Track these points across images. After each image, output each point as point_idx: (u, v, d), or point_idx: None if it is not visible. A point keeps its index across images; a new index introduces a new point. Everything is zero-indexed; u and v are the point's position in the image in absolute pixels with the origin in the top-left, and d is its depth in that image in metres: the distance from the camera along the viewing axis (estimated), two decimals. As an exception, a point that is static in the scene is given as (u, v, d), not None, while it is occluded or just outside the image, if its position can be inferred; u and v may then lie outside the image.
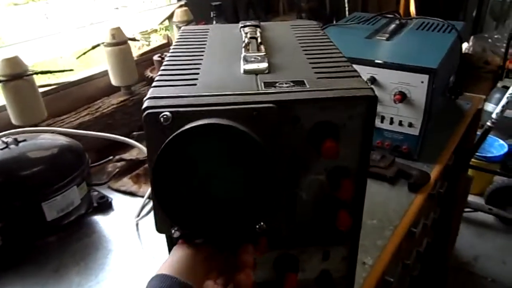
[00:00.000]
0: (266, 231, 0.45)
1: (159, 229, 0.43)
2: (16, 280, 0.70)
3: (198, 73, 0.48)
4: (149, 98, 0.42)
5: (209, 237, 0.45)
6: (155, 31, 1.57)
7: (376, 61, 0.94)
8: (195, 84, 0.45)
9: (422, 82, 0.90)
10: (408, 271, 1.15)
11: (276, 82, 0.44)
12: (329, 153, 0.40)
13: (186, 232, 0.43)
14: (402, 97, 0.92)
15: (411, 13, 2.66)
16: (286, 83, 0.44)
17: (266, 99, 0.41)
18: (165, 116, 0.39)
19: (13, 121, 0.90)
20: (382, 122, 0.98)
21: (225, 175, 0.41)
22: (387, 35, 1.10)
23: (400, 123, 0.96)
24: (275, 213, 0.43)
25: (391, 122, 0.97)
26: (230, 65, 0.51)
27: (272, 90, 0.43)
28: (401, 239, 0.81)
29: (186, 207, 0.41)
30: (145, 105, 0.40)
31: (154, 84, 0.46)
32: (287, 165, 0.45)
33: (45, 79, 1.07)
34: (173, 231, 0.43)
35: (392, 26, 1.18)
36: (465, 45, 2.68)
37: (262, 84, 0.45)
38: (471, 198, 2.01)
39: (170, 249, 0.49)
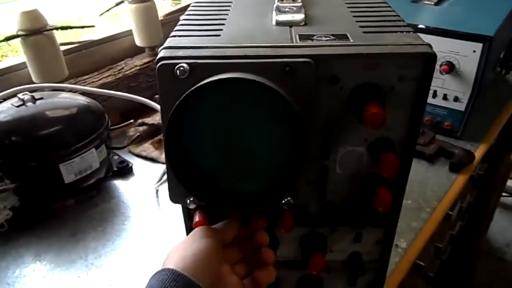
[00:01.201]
0: (293, 207, 0.40)
1: (173, 198, 0.38)
2: (31, 241, 0.69)
3: (223, 24, 0.42)
4: (165, 48, 0.36)
5: (228, 210, 0.40)
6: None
7: (421, 26, 0.85)
8: (218, 35, 0.39)
9: (475, 51, 0.80)
10: (439, 255, 1.09)
11: (314, 35, 0.38)
12: (374, 121, 0.33)
13: (202, 204, 0.38)
14: (450, 68, 0.83)
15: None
16: (325, 36, 0.37)
17: (301, 53, 0.35)
18: (181, 68, 0.33)
19: (34, 79, 0.88)
20: (424, 94, 0.89)
21: (248, 138, 0.36)
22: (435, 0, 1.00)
23: (445, 97, 0.88)
24: (304, 188, 0.37)
25: (434, 95, 0.89)
26: (261, 16, 0.44)
27: (308, 43, 0.36)
28: (439, 222, 0.74)
29: (203, 175, 0.36)
30: (160, 55, 0.35)
31: (172, 33, 0.40)
32: (321, 132, 0.39)
33: (67, 37, 1.03)
34: (188, 201, 0.38)
35: (443, -11, 1.07)
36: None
37: (297, 37, 0.38)
38: (508, 182, 1.90)
39: (186, 222, 0.45)
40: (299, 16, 0.42)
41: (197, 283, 0.35)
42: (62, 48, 0.93)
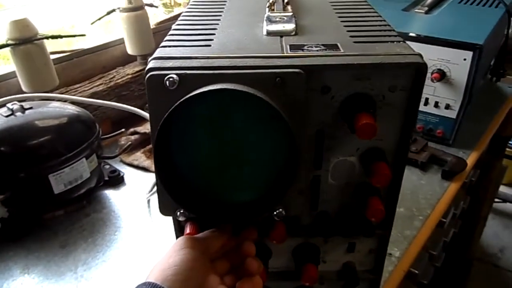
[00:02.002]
0: (285, 218, 0.40)
1: (163, 211, 0.38)
2: (20, 254, 0.67)
3: (213, 34, 0.42)
4: (154, 58, 0.36)
5: (218, 223, 0.39)
6: (178, 4, 1.51)
7: (412, 34, 0.85)
8: (209, 45, 0.39)
9: (465, 59, 0.81)
10: (433, 262, 1.09)
11: (304, 45, 0.38)
12: (366, 131, 0.33)
13: (192, 216, 0.37)
14: (441, 76, 0.84)
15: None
16: (316, 47, 0.37)
17: (292, 63, 0.34)
18: (171, 79, 0.33)
19: (24, 88, 0.86)
20: (415, 102, 0.90)
21: (238, 149, 0.35)
22: (426, 8, 1.01)
23: (436, 105, 0.88)
24: (295, 198, 0.37)
25: (426, 103, 0.89)
26: (251, 26, 0.44)
27: (299, 53, 0.36)
28: (432, 230, 0.74)
29: (193, 186, 0.36)
30: (149, 66, 0.35)
31: (162, 44, 0.39)
32: (313, 143, 0.39)
33: (58, 45, 1.02)
34: (178, 213, 0.37)
35: (432, -2, 1.08)
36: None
37: (288, 47, 0.38)
38: (500, 188, 1.91)
39: (177, 234, 0.44)
40: (290, 26, 0.42)
41: None
42: (53, 56, 0.92)
